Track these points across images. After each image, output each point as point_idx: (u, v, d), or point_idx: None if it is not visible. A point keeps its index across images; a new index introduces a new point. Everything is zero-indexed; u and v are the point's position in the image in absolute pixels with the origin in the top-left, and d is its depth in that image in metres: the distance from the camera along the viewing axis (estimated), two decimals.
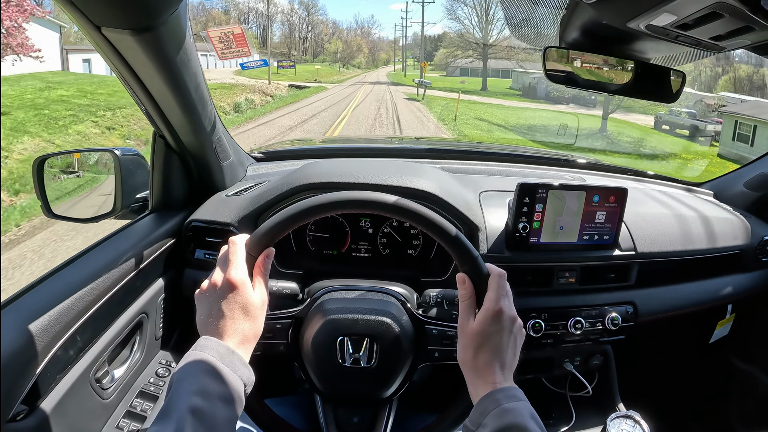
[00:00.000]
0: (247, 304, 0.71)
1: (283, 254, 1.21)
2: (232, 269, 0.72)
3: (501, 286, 0.74)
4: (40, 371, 0.80)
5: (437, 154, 1.75)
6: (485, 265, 0.76)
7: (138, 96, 1.01)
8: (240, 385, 0.66)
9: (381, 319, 0.86)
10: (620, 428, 1.05)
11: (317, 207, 0.76)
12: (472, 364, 0.72)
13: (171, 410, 0.59)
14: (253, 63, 23.93)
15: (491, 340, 0.72)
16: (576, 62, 0.99)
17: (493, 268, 0.76)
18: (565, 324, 1.18)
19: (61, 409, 0.84)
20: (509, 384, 0.70)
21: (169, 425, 0.58)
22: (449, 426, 0.85)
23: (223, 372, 0.64)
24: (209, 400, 0.61)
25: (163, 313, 1.17)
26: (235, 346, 0.68)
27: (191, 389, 0.61)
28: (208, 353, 0.65)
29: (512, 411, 0.65)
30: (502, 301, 0.73)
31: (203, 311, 0.72)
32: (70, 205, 1.30)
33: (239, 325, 0.70)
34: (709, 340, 1.52)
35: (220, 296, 0.70)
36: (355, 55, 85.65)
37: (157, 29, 0.82)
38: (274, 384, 1.17)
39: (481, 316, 0.73)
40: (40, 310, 0.82)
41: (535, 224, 1.15)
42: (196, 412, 0.59)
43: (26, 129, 9.33)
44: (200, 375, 0.63)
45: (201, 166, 1.26)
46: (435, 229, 0.76)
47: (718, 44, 0.83)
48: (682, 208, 1.45)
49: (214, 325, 0.70)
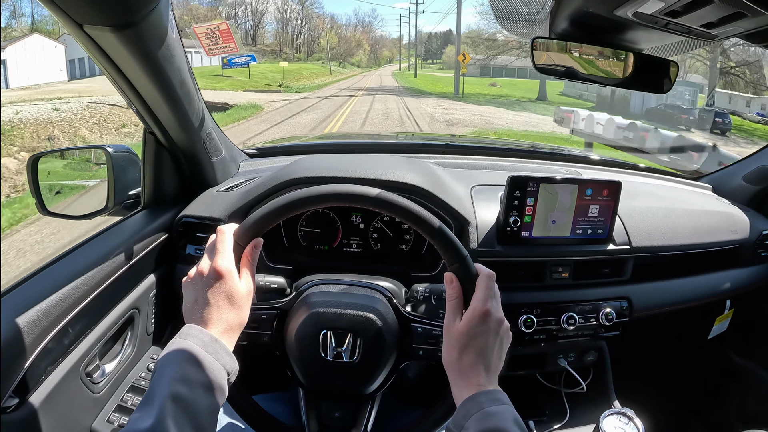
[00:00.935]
0: (232, 293, 0.71)
1: (274, 249, 1.21)
2: (218, 258, 0.72)
3: (489, 287, 0.73)
4: (29, 364, 0.80)
5: (431, 148, 1.74)
6: (474, 265, 0.75)
7: (126, 93, 1.02)
8: (223, 373, 0.65)
9: (365, 314, 0.86)
10: (614, 425, 1.04)
11: (303, 199, 0.76)
12: (456, 365, 0.71)
13: (153, 397, 0.59)
14: (239, 59, 22.90)
15: (477, 342, 0.71)
16: (566, 54, 0.98)
17: (482, 268, 0.75)
18: (558, 319, 1.17)
19: (51, 402, 0.85)
20: (493, 387, 0.69)
21: (150, 412, 0.57)
22: (433, 424, 0.85)
23: (205, 360, 0.64)
24: (191, 388, 0.61)
25: (154, 308, 1.18)
26: (219, 334, 0.68)
27: (173, 376, 0.61)
28: (191, 341, 0.65)
29: (495, 415, 0.64)
30: (490, 302, 0.72)
31: (189, 299, 0.72)
32: (64, 203, 1.31)
33: (224, 314, 0.70)
34: (708, 336, 1.50)
35: (206, 284, 0.71)
36: (353, 51, 77.55)
37: (138, 25, 0.82)
38: (263, 379, 1.17)
39: (468, 317, 0.72)
40: (30, 304, 0.83)
41: (526, 218, 1.14)
42: (177, 398, 0.59)
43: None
44: (183, 362, 0.63)
45: (191, 162, 1.26)
46: (423, 225, 0.76)
47: (710, 32, 0.81)
48: (679, 202, 1.43)
49: (198, 313, 0.70)
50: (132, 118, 12.55)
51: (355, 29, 79.54)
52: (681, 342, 1.58)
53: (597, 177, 1.31)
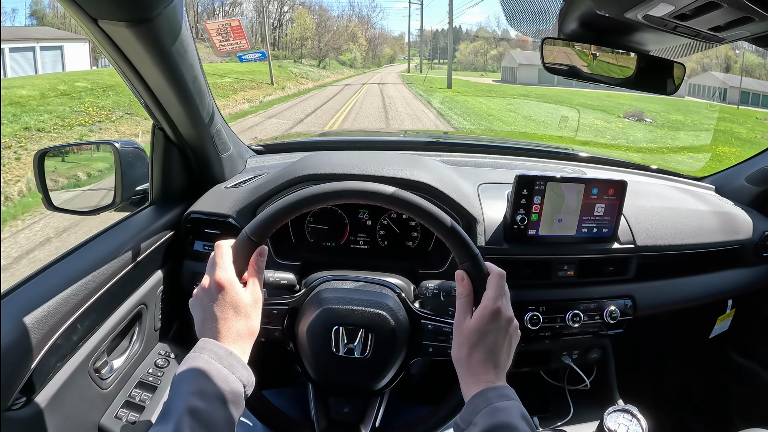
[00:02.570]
0: (237, 302, 0.72)
1: (281, 246, 1.22)
2: (218, 271, 0.73)
3: (500, 286, 0.75)
4: (38, 361, 0.80)
5: (436, 146, 1.75)
6: (486, 264, 0.76)
7: (136, 88, 1.02)
8: (239, 386, 0.66)
9: (378, 311, 0.86)
10: (617, 422, 1.05)
11: (317, 196, 0.77)
12: (465, 362, 0.72)
13: (170, 411, 0.60)
14: (250, 56, 22.27)
15: (487, 339, 0.72)
16: (575, 55, 0.98)
17: (493, 267, 0.76)
18: (563, 317, 1.18)
19: (59, 398, 0.85)
20: (501, 383, 0.70)
21: (168, 426, 0.58)
22: (441, 420, 0.85)
23: (221, 373, 0.65)
24: (207, 401, 0.62)
25: (162, 304, 1.18)
26: (232, 346, 0.69)
27: (190, 390, 0.62)
28: (206, 355, 0.66)
29: (503, 410, 0.65)
30: (501, 301, 0.74)
31: (198, 316, 0.73)
32: (71, 198, 1.31)
33: (232, 325, 0.71)
34: (709, 335, 1.51)
35: (210, 299, 0.72)
36: (343, 46, 51.54)
37: (154, 21, 0.82)
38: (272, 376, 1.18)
39: (479, 314, 0.73)
40: (38, 301, 0.83)
41: (533, 216, 1.15)
42: (194, 412, 0.60)
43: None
44: (198, 376, 0.63)
45: (200, 158, 1.26)
46: (436, 223, 0.77)
47: (717, 35, 0.82)
48: (683, 202, 1.44)
49: (209, 328, 0.71)
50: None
51: (349, 19, 55.43)
52: (683, 340, 1.60)
53: (603, 176, 1.32)
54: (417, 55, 59.31)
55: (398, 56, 61.37)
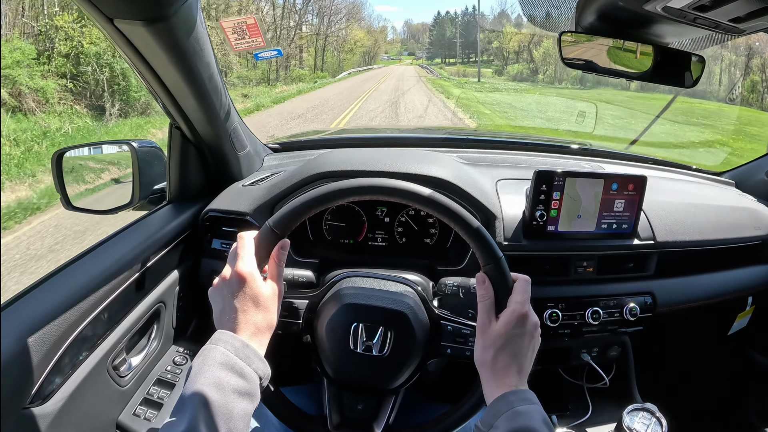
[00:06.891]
0: (257, 295, 0.72)
1: (299, 243, 1.22)
2: (240, 262, 0.73)
3: (527, 290, 0.75)
4: (57, 358, 0.81)
5: (453, 143, 1.74)
6: (510, 273, 0.76)
7: (153, 87, 1.02)
8: (255, 378, 0.66)
9: (398, 309, 0.86)
10: (637, 420, 1.04)
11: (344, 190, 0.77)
12: (490, 365, 0.72)
13: (185, 402, 0.61)
14: (265, 54, 23.08)
15: (513, 343, 0.72)
16: (593, 48, 0.97)
17: (518, 274, 0.77)
18: (583, 314, 1.16)
19: (78, 395, 0.86)
20: (524, 387, 0.70)
21: (183, 417, 0.59)
22: (459, 419, 0.84)
23: (237, 365, 0.65)
24: (223, 393, 0.62)
25: (180, 302, 1.19)
26: (249, 338, 0.69)
27: (206, 382, 0.62)
28: (222, 347, 0.66)
29: (524, 414, 0.65)
30: (527, 305, 0.74)
31: (217, 306, 0.74)
32: (89, 198, 1.32)
33: (251, 317, 0.71)
34: (728, 332, 1.49)
35: (230, 290, 0.72)
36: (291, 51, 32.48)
37: (170, 19, 0.83)
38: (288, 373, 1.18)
39: (506, 318, 0.73)
40: (58, 299, 0.84)
41: (552, 212, 1.14)
42: (210, 404, 0.60)
43: None
44: (215, 368, 0.64)
45: (217, 156, 1.27)
46: (461, 223, 0.76)
47: (737, 26, 0.82)
48: (703, 197, 1.42)
49: (227, 319, 0.71)
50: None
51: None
52: (702, 338, 1.57)
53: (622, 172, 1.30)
54: (405, 52, 46.89)
55: (380, 56, 46.05)
